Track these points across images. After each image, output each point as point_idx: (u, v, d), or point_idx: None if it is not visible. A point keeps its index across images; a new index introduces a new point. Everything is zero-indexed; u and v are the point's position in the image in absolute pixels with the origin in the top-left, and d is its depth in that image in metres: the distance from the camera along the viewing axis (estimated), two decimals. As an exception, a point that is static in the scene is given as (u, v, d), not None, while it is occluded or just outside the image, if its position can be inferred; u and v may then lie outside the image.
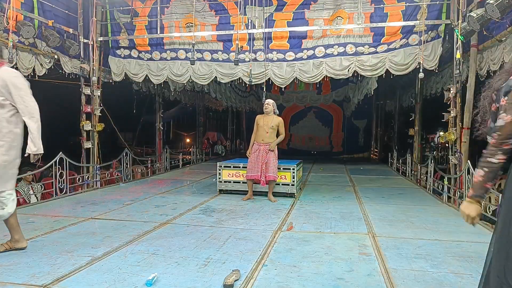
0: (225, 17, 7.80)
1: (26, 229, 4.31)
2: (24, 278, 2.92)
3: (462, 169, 6.14)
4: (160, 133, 11.95)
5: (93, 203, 5.98)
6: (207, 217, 5.06)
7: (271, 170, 6.11)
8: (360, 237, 4.14)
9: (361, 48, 7.33)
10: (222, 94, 13.25)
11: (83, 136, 8.09)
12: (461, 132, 6.59)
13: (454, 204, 6.03)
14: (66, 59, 7.68)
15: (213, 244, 3.82)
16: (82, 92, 8.08)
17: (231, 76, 8.06)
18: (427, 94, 10.20)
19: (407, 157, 9.74)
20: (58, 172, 6.56)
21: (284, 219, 4.98)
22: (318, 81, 7.86)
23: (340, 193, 7.02)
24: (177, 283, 2.86)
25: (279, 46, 7.70)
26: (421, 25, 6.90)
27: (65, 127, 12.20)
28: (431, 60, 7.12)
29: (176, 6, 8.00)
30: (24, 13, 6.53)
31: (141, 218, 4.95)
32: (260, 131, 6.17)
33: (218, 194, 6.76)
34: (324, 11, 7.39)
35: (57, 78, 8.25)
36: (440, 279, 2.98)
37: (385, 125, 16.82)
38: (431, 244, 3.90)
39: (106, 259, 3.37)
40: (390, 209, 5.67)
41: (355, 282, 2.91)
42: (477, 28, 5.61)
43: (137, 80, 8.69)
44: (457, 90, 6.73)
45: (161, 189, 7.35)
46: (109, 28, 8.44)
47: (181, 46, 8.15)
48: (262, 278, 2.98)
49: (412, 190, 7.59)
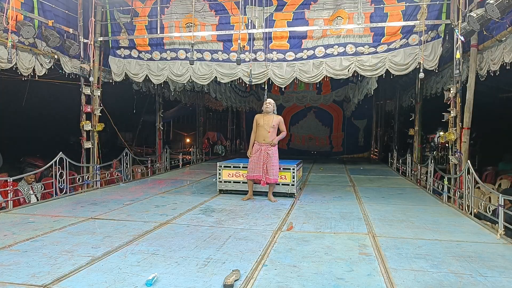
0: (225, 17, 7.80)
1: (26, 229, 4.33)
2: (24, 278, 2.92)
3: (462, 169, 6.13)
4: (160, 133, 11.94)
5: (93, 203, 5.98)
6: (207, 217, 5.06)
7: (272, 173, 6.10)
8: (360, 237, 4.14)
9: (361, 48, 7.33)
10: (222, 94, 13.25)
11: (83, 136, 8.09)
12: (461, 132, 6.58)
13: (454, 204, 6.03)
14: (66, 59, 7.68)
15: (213, 244, 3.83)
16: (82, 92, 8.08)
17: (231, 76, 8.06)
18: (427, 94, 10.20)
19: (407, 157, 9.73)
20: (58, 172, 6.57)
21: (284, 219, 4.98)
22: (318, 81, 7.85)
23: (340, 193, 7.02)
24: (177, 283, 2.86)
25: (279, 46, 7.70)
26: (421, 25, 6.89)
27: (65, 127, 12.21)
28: (431, 60, 7.12)
29: (176, 6, 8.00)
30: (24, 13, 6.53)
31: (141, 218, 4.95)
32: (261, 131, 6.16)
33: (218, 194, 6.76)
34: (324, 11, 7.39)
35: (57, 78, 8.25)
36: (440, 279, 2.98)
37: (385, 125, 16.81)
38: (431, 244, 3.90)
39: (106, 259, 3.37)
40: (390, 209, 5.67)
41: (355, 282, 2.91)
42: (477, 28, 5.61)
43: (137, 80, 8.69)
44: (457, 90, 6.72)
45: (161, 189, 7.36)
46: (109, 28, 8.44)
47: (181, 46, 8.15)
48: (262, 278, 2.98)
49: (412, 190, 7.59)
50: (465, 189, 5.60)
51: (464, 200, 5.57)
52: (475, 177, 5.37)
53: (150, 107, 13.38)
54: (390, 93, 14.88)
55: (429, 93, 9.94)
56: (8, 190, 5.70)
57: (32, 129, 13.14)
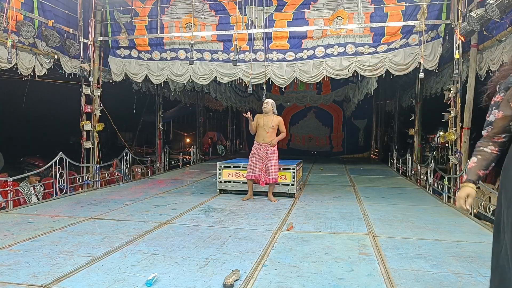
0: (225, 17, 7.80)
1: (26, 229, 4.33)
2: (24, 278, 2.92)
3: (462, 169, 6.14)
4: (160, 133, 11.94)
5: (93, 203, 5.98)
6: (207, 217, 5.06)
7: (272, 173, 6.10)
8: (360, 237, 4.14)
9: (361, 48, 7.33)
10: (222, 94, 13.25)
11: (83, 136, 8.09)
12: (461, 132, 6.59)
13: (454, 204, 6.02)
14: (66, 59, 7.68)
15: (213, 244, 3.82)
16: (82, 92, 8.08)
17: (231, 76, 8.06)
18: (427, 94, 10.20)
19: (407, 157, 9.73)
20: (58, 172, 6.57)
21: (284, 219, 4.98)
22: (318, 81, 7.85)
23: (340, 193, 7.02)
24: (177, 283, 2.86)
25: (279, 46, 7.70)
26: (421, 25, 6.89)
27: (65, 127, 12.21)
28: (431, 60, 7.12)
29: (176, 6, 8.00)
30: (24, 13, 6.53)
31: (141, 218, 4.95)
32: (260, 131, 6.16)
33: (218, 194, 6.76)
34: (324, 11, 7.39)
35: (57, 78, 8.25)
36: (440, 279, 2.98)
37: (385, 125, 16.81)
38: (431, 244, 3.90)
39: (106, 259, 3.37)
40: (390, 209, 5.67)
41: (355, 282, 2.91)
42: (477, 28, 5.61)
43: (137, 80, 8.69)
44: (457, 90, 6.73)
45: (161, 189, 7.35)
46: (109, 28, 8.44)
47: (181, 46, 8.15)
48: (262, 278, 2.98)
49: (412, 190, 7.59)
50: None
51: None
52: (475, 177, 5.35)
53: (150, 107, 13.39)
54: (390, 93, 14.88)
55: (429, 93, 9.94)
56: (8, 190, 5.71)
57: (32, 129, 13.16)
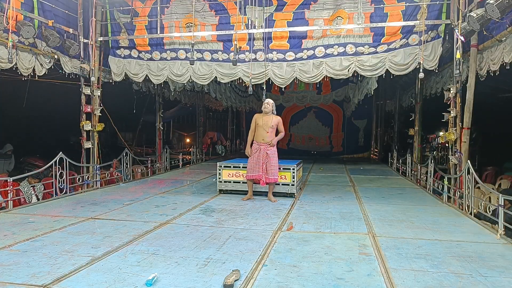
0: (225, 17, 7.80)
1: (26, 229, 4.33)
2: (24, 278, 2.92)
3: (462, 169, 6.13)
4: (160, 133, 11.93)
5: (93, 203, 5.98)
6: (207, 217, 5.06)
7: (272, 172, 6.10)
8: (360, 237, 4.14)
9: (361, 48, 7.33)
10: (222, 94, 13.26)
11: (83, 136, 8.09)
12: (461, 132, 6.58)
13: (454, 204, 6.02)
14: (66, 59, 7.68)
15: (213, 244, 3.82)
16: (82, 92, 8.08)
17: (231, 76, 8.06)
18: (427, 94, 10.19)
19: (407, 157, 9.73)
20: (58, 172, 6.57)
21: (284, 219, 4.98)
22: (318, 81, 7.85)
23: (340, 193, 7.01)
24: (177, 283, 2.86)
25: (279, 46, 7.70)
26: (421, 25, 6.89)
27: (65, 127, 12.20)
28: (431, 60, 7.12)
29: (176, 6, 8.00)
30: (24, 13, 6.53)
31: (141, 218, 4.95)
32: (260, 131, 6.16)
33: (218, 194, 6.76)
34: (324, 11, 7.39)
35: (57, 78, 8.25)
36: (440, 279, 2.98)
37: (385, 125, 16.80)
38: (431, 244, 3.90)
39: (106, 259, 3.37)
40: (390, 209, 5.67)
41: (355, 282, 2.91)
42: (477, 28, 5.61)
43: (137, 80, 8.70)
44: (457, 90, 6.73)
45: (161, 189, 7.35)
46: (109, 28, 8.44)
47: (181, 46, 8.16)
48: (262, 278, 2.98)
49: (412, 190, 7.59)
50: (465, 189, 5.60)
51: (464, 200, 5.57)
52: (475, 177, 5.37)
53: (150, 107, 13.38)
54: (390, 93, 14.87)
55: (429, 93, 9.94)
56: (8, 190, 5.71)
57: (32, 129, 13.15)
